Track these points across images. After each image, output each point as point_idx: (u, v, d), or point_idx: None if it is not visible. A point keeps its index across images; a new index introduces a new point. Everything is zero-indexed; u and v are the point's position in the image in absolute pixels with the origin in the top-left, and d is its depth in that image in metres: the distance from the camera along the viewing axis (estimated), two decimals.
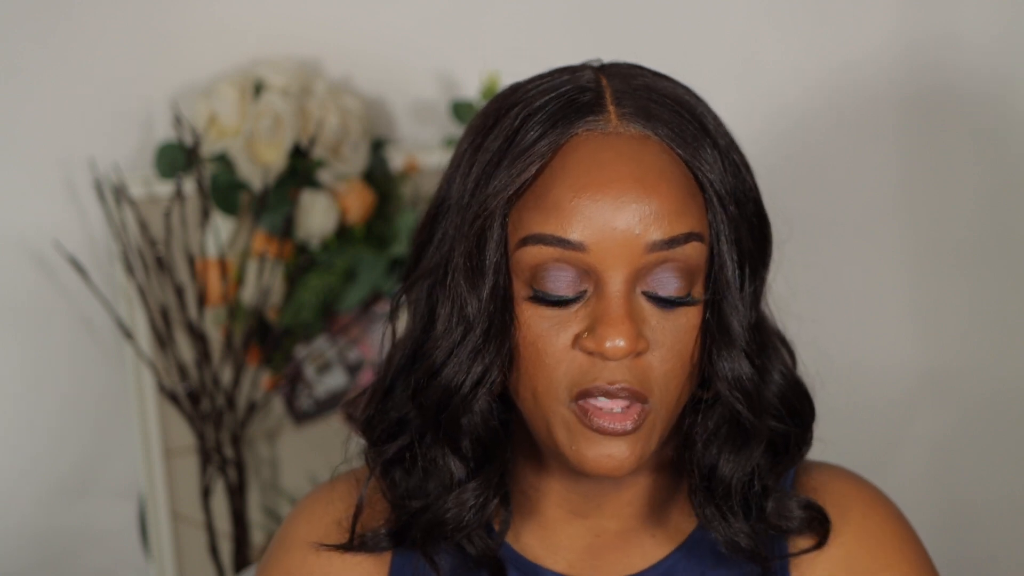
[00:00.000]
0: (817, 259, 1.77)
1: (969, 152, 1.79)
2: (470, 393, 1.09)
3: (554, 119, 1.08)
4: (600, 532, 1.16)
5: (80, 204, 1.73)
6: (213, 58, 1.74)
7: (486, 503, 1.12)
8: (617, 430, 1.06)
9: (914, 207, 1.80)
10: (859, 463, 1.23)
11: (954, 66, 1.77)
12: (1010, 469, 1.84)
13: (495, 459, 1.12)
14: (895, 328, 1.81)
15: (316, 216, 1.71)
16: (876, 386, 1.80)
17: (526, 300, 1.07)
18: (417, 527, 1.13)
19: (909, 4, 1.76)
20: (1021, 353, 1.82)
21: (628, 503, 1.16)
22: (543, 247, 1.06)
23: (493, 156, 1.09)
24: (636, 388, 1.06)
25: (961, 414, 1.83)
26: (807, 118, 1.77)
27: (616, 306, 1.05)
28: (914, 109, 1.78)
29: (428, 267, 1.12)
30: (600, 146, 1.07)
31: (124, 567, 1.79)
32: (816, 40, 1.77)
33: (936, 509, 1.82)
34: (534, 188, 1.07)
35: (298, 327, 1.75)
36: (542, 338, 1.07)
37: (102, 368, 1.76)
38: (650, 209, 1.05)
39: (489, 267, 1.08)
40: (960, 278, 1.81)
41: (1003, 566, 1.85)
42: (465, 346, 1.09)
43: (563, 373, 1.07)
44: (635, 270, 1.05)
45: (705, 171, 1.08)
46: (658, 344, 1.07)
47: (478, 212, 1.08)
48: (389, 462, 1.15)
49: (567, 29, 1.76)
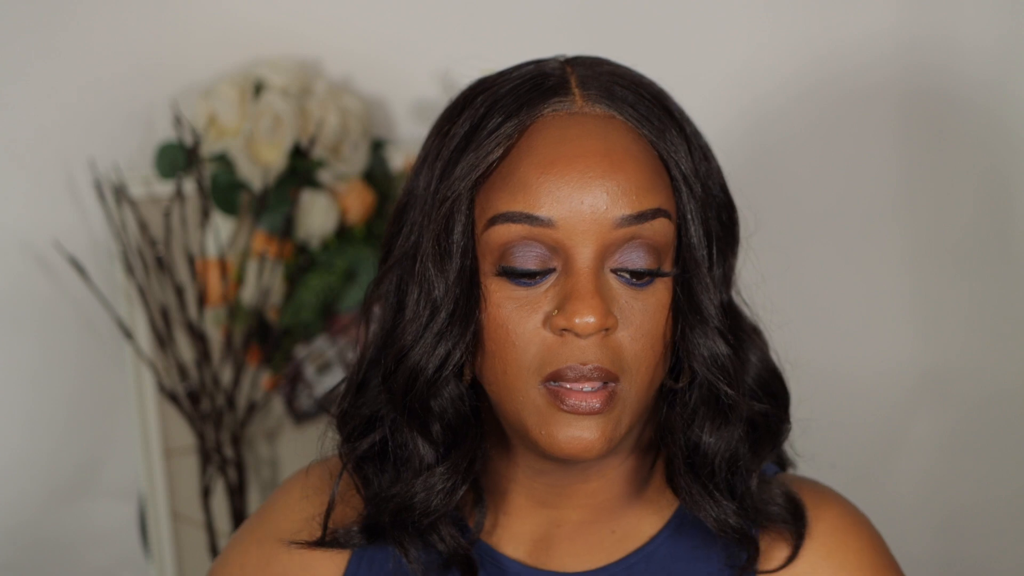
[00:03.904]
0: (817, 259, 1.77)
1: (969, 152, 1.79)
2: (434, 375, 1.09)
3: (519, 102, 1.09)
4: (561, 523, 1.16)
5: (80, 204, 1.73)
6: (213, 58, 1.74)
7: (455, 488, 1.12)
8: (585, 408, 1.06)
9: (914, 207, 1.80)
10: (859, 463, 1.23)
11: (954, 66, 1.77)
12: (1010, 469, 1.84)
13: (464, 444, 1.12)
14: (895, 328, 1.81)
15: (316, 216, 1.71)
16: (876, 386, 1.80)
17: (494, 278, 1.07)
18: (386, 513, 1.13)
19: (908, 4, 1.76)
20: (1021, 353, 1.82)
21: (590, 495, 1.16)
22: (511, 225, 1.06)
23: (459, 142, 1.10)
24: (607, 367, 1.06)
25: (961, 414, 1.83)
26: (806, 118, 1.77)
27: (585, 281, 1.05)
28: (914, 109, 1.78)
29: (397, 257, 1.13)
30: (566, 123, 1.08)
31: (124, 567, 1.79)
32: (815, 41, 1.77)
33: (936, 509, 1.82)
34: (500, 169, 1.08)
35: (298, 327, 1.75)
36: (511, 319, 1.07)
37: (102, 368, 1.76)
38: (617, 185, 1.06)
39: (456, 250, 1.08)
40: (960, 278, 1.81)
41: (1003, 567, 1.85)
42: (431, 329, 1.09)
43: (533, 355, 1.07)
44: (603, 246, 1.06)
45: (671, 152, 1.09)
46: (628, 323, 1.07)
47: (445, 195, 1.08)
48: (362, 458, 1.15)
49: (566, 29, 1.76)
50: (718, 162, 1.14)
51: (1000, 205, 1.80)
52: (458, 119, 1.11)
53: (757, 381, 1.15)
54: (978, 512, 1.84)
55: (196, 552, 1.77)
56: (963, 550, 1.83)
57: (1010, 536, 1.85)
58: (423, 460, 1.12)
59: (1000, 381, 1.82)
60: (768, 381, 1.16)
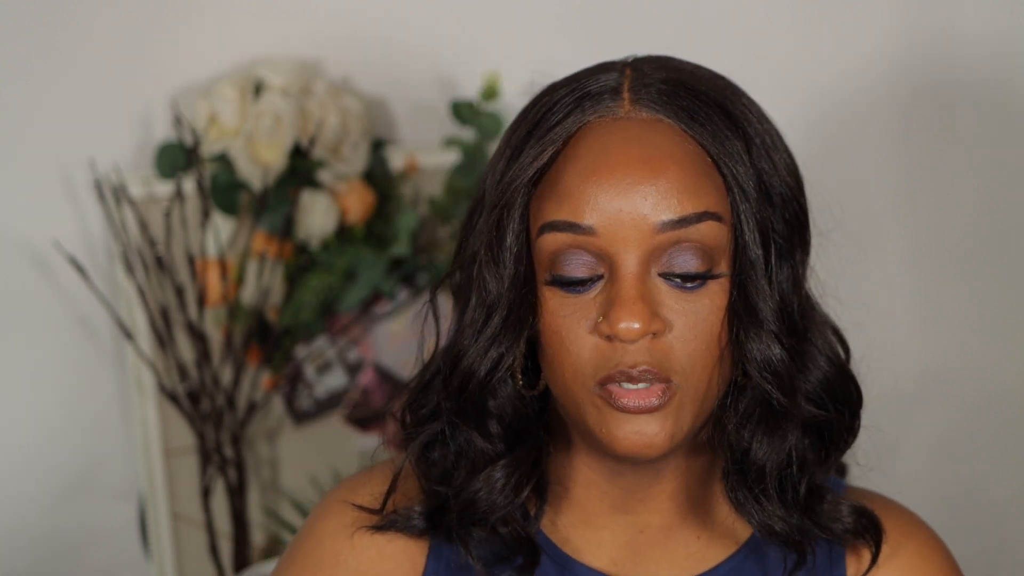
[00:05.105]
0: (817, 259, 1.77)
1: (969, 152, 1.79)
2: (486, 377, 1.10)
3: (568, 109, 1.09)
4: (643, 528, 1.15)
5: (80, 204, 1.73)
6: (213, 58, 1.74)
7: (518, 485, 1.12)
8: (643, 407, 1.06)
9: (914, 207, 1.80)
10: (859, 463, 1.23)
11: (954, 67, 1.77)
12: (1010, 469, 1.84)
13: (526, 442, 1.12)
14: (895, 328, 1.81)
15: (316, 216, 1.71)
16: (876, 386, 1.79)
17: (547, 286, 1.08)
18: (452, 511, 1.13)
19: (909, 4, 1.76)
20: (1021, 353, 1.82)
21: (670, 497, 1.15)
22: (557, 234, 1.07)
23: (516, 148, 1.10)
24: (657, 370, 1.06)
25: (961, 414, 1.83)
26: (806, 119, 1.77)
27: (628, 287, 1.05)
28: (914, 110, 1.78)
29: (463, 260, 1.13)
30: (610, 130, 1.08)
31: (124, 567, 1.79)
32: (815, 41, 1.77)
33: (936, 508, 1.82)
34: (548, 177, 1.08)
35: (298, 327, 1.75)
36: (564, 326, 1.07)
37: (102, 368, 1.76)
38: (657, 190, 1.05)
39: (509, 256, 1.09)
40: (960, 278, 1.81)
41: (1003, 565, 1.85)
42: (485, 333, 1.10)
43: (587, 360, 1.07)
44: (647, 251, 1.06)
45: (721, 152, 1.08)
46: (678, 325, 1.06)
47: (496, 202, 1.09)
48: (424, 447, 1.15)
49: (566, 29, 1.76)
50: (790, 157, 1.13)
51: (1000, 205, 1.81)
52: (520, 125, 1.12)
53: (823, 384, 1.13)
54: (978, 511, 1.85)
55: (196, 552, 1.77)
56: (963, 549, 1.83)
57: (1010, 535, 1.85)
58: (484, 456, 1.12)
59: (1000, 381, 1.82)
60: (836, 385, 1.14)
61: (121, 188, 1.70)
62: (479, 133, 1.74)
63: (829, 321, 1.18)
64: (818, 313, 1.16)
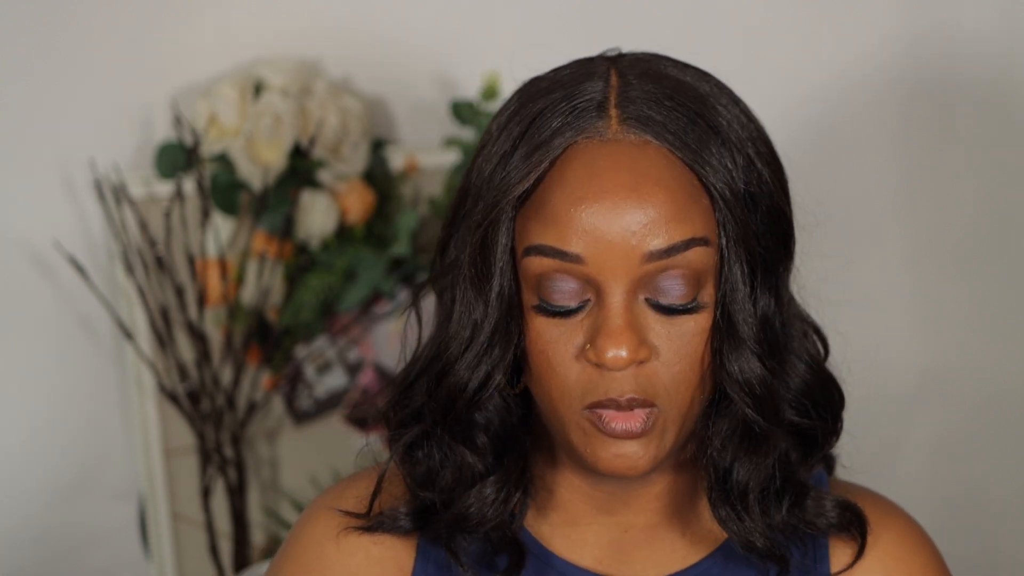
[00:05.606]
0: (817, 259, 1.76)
1: (969, 152, 1.79)
2: (474, 396, 1.10)
3: (556, 126, 1.07)
4: (627, 528, 1.16)
5: (80, 204, 1.73)
6: (213, 58, 1.74)
7: (508, 497, 1.12)
8: (630, 431, 1.06)
9: (914, 207, 1.80)
10: (859, 462, 1.23)
11: (954, 66, 1.77)
12: (1010, 468, 1.84)
13: (513, 452, 1.13)
14: (895, 328, 1.81)
15: (316, 216, 1.71)
16: (876, 386, 1.80)
17: (533, 309, 1.07)
18: (442, 523, 1.13)
19: (909, 4, 1.76)
20: (1021, 353, 1.82)
21: (655, 497, 1.15)
22: (543, 258, 1.06)
23: (504, 154, 1.08)
24: (643, 396, 1.06)
25: (961, 414, 1.83)
26: (806, 119, 1.77)
27: (615, 316, 1.05)
28: (914, 110, 1.78)
29: (448, 262, 1.13)
30: (597, 155, 1.06)
31: (124, 567, 1.79)
32: (815, 40, 1.77)
33: (936, 508, 1.82)
34: (535, 198, 1.07)
35: (298, 327, 1.75)
36: (551, 347, 1.07)
37: (102, 368, 1.76)
38: (646, 218, 1.04)
39: (495, 272, 1.08)
40: (960, 278, 1.81)
41: (1003, 565, 1.85)
42: (472, 349, 1.09)
43: (574, 383, 1.07)
44: (634, 280, 1.05)
45: (708, 174, 1.06)
46: (664, 350, 1.06)
47: (481, 220, 1.08)
48: (408, 446, 1.15)
49: (567, 29, 1.76)
50: (775, 160, 1.12)
51: (1000, 205, 1.81)
52: (510, 121, 1.10)
53: (803, 390, 1.13)
54: (978, 511, 1.85)
55: (196, 552, 1.77)
56: (963, 549, 1.83)
57: (1010, 534, 1.85)
58: (473, 470, 1.12)
59: (1000, 381, 1.82)
60: (817, 389, 1.14)
61: (121, 188, 1.70)
62: (479, 133, 1.74)
63: (808, 319, 1.17)
64: (797, 315, 1.16)
